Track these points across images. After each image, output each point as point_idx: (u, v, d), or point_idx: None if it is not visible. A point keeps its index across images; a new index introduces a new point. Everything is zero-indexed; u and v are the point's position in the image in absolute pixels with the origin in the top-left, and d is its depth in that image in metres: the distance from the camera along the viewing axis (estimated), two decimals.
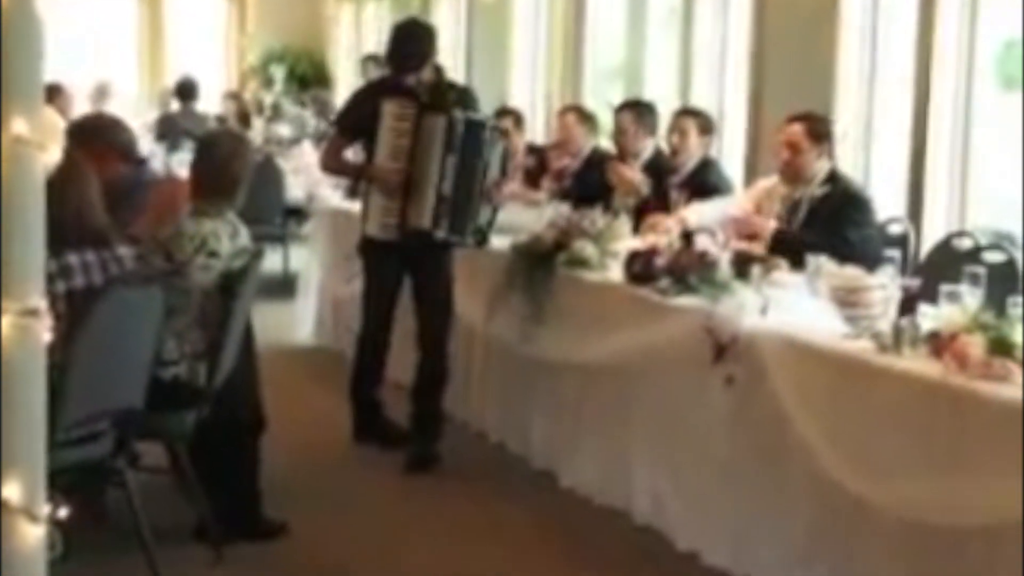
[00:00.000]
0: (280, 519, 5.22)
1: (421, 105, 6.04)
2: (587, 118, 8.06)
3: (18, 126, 2.74)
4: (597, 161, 7.62)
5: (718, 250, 5.36)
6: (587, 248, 5.88)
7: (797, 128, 5.90)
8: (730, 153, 8.14)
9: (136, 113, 13.14)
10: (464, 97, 6.28)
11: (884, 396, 4.20)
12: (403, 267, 6.24)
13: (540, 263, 6.00)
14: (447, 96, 6.14)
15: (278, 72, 15.87)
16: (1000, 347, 3.96)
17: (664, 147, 7.31)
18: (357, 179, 6.71)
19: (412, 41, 6.16)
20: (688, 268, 5.23)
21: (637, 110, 7.49)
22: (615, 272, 5.69)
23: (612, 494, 5.58)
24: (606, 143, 8.01)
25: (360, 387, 6.43)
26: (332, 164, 6.64)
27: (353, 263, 7.05)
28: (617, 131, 7.48)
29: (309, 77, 15.93)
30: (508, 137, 6.61)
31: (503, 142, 6.37)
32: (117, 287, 4.45)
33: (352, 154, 6.56)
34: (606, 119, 8.18)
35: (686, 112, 7.35)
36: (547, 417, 6.09)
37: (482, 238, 6.22)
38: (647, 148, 7.33)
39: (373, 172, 6.15)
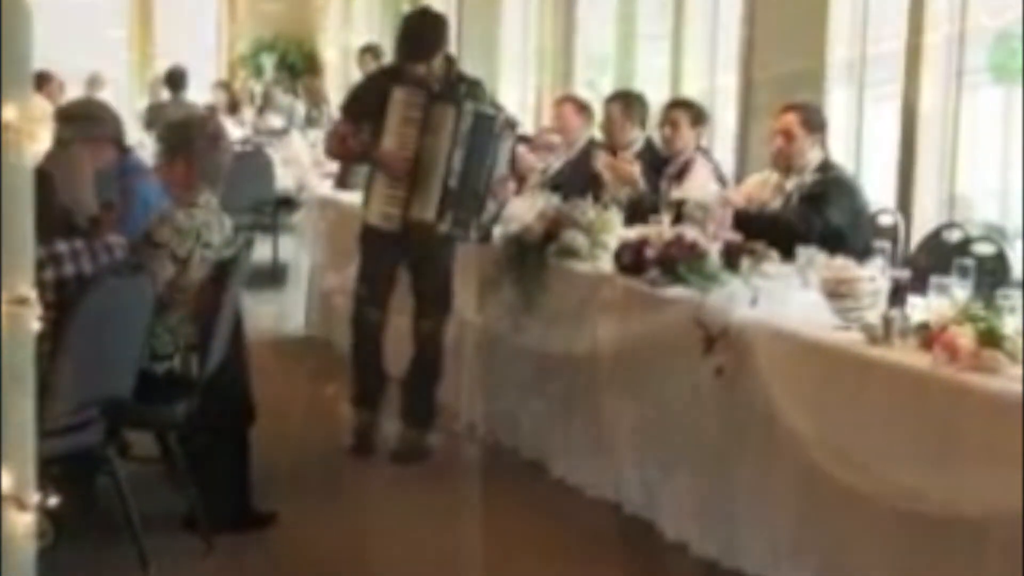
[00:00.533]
0: (270, 509, 5.21)
1: (431, 95, 5.95)
2: (584, 108, 8.01)
3: (7, 114, 2.73)
4: (592, 152, 7.60)
5: (708, 241, 5.36)
6: (577, 238, 5.87)
7: (791, 117, 5.92)
8: (721, 144, 8.14)
9: (125, 102, 13.13)
10: (475, 90, 6.15)
11: (874, 387, 4.20)
12: (402, 258, 6.16)
13: (531, 253, 5.98)
14: (457, 88, 6.05)
15: (268, 61, 15.85)
16: (990, 339, 3.96)
17: (655, 138, 7.30)
18: (362, 162, 6.59)
19: (422, 31, 6.07)
20: (678, 259, 5.23)
21: (626, 101, 7.47)
22: (605, 263, 5.69)
23: (602, 485, 5.58)
24: (598, 134, 8.00)
25: (362, 375, 6.31)
26: (337, 149, 6.57)
27: (343, 254, 7.02)
28: (606, 122, 7.47)
29: (299, 66, 15.91)
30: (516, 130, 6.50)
31: (512, 137, 6.26)
32: (107, 275, 4.43)
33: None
34: (597, 110, 8.17)
35: (678, 103, 7.35)
36: (537, 407, 6.08)
37: (485, 234, 6.15)
38: (638, 139, 7.32)
39: (380, 157, 6.03)
